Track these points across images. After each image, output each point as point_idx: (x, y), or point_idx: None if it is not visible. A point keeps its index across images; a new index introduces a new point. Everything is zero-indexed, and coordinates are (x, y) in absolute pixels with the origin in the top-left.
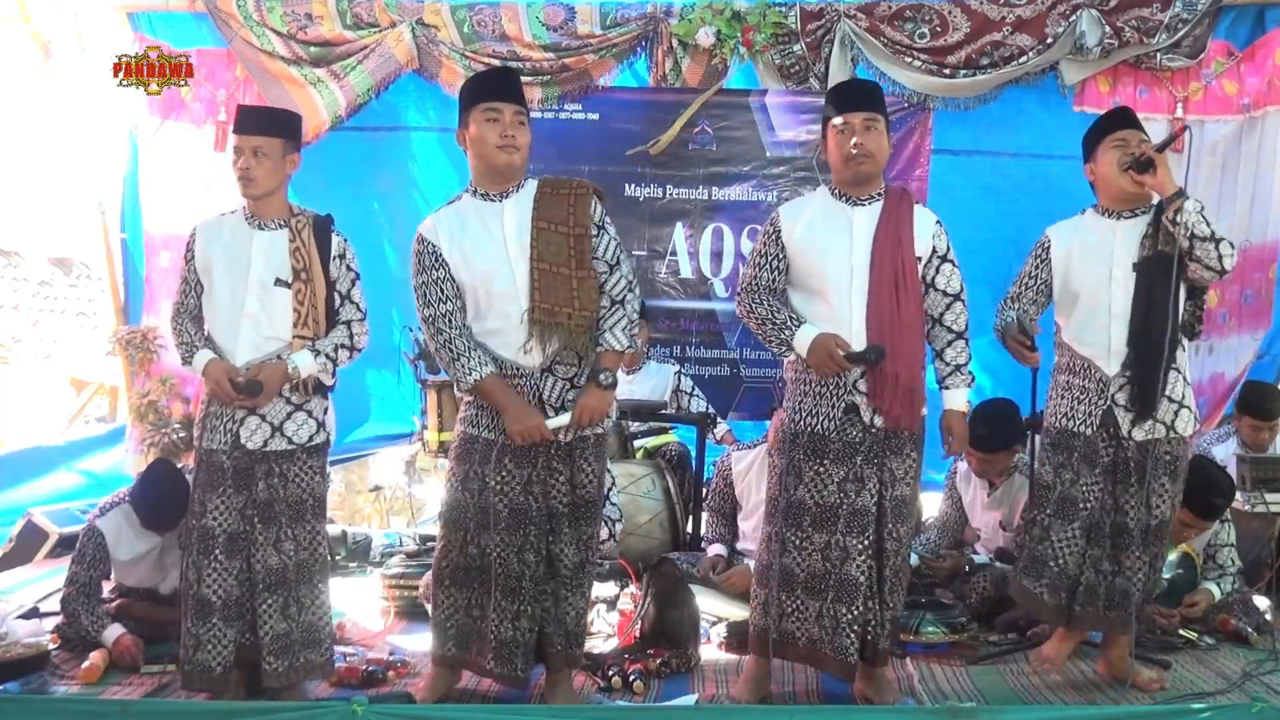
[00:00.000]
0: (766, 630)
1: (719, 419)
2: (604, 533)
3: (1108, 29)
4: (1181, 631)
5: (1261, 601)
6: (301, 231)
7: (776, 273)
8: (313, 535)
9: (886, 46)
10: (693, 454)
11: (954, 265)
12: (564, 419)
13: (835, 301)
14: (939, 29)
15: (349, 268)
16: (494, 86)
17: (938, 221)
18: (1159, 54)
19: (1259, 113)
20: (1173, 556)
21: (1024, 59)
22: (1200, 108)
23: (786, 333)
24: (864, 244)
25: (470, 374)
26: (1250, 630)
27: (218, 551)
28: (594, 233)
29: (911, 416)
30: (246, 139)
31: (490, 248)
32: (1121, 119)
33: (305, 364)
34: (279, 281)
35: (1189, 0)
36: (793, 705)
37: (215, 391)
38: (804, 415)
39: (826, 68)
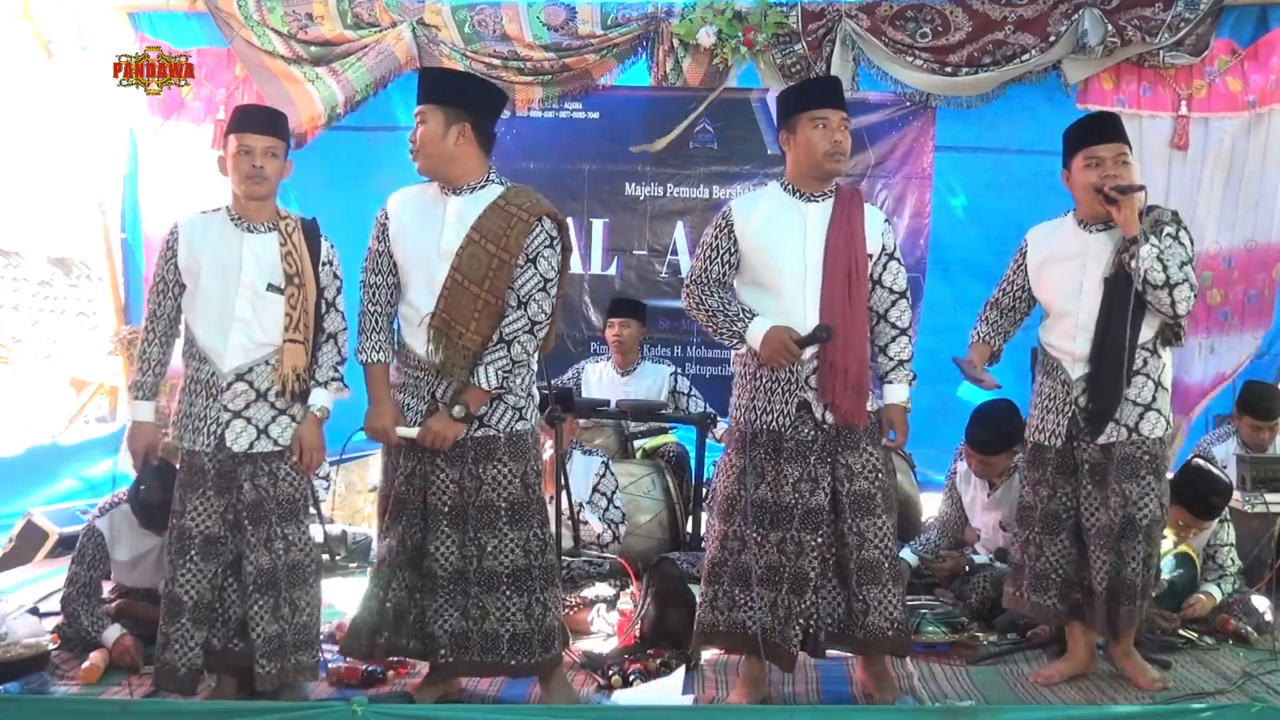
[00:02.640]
0: (714, 625)
1: (719, 418)
2: (608, 534)
3: (1110, 28)
4: (1181, 631)
5: (1261, 601)
6: (292, 235)
7: (727, 266)
8: (304, 536)
9: (888, 46)
10: (692, 454)
11: (900, 263)
12: (412, 432)
13: (789, 297)
14: (940, 29)
15: (335, 274)
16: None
17: (886, 220)
18: (1162, 52)
19: (1264, 109)
20: (1172, 557)
21: (1026, 58)
22: (1204, 105)
23: (739, 325)
24: (817, 240)
25: (362, 353)
26: (1250, 630)
27: (193, 553)
28: (519, 263)
29: (858, 412)
30: (259, 138)
31: (425, 239)
32: (1097, 131)
33: (325, 399)
34: (271, 287)
35: (1191, 0)
36: (793, 705)
37: (133, 454)
38: (759, 413)
39: (828, 67)
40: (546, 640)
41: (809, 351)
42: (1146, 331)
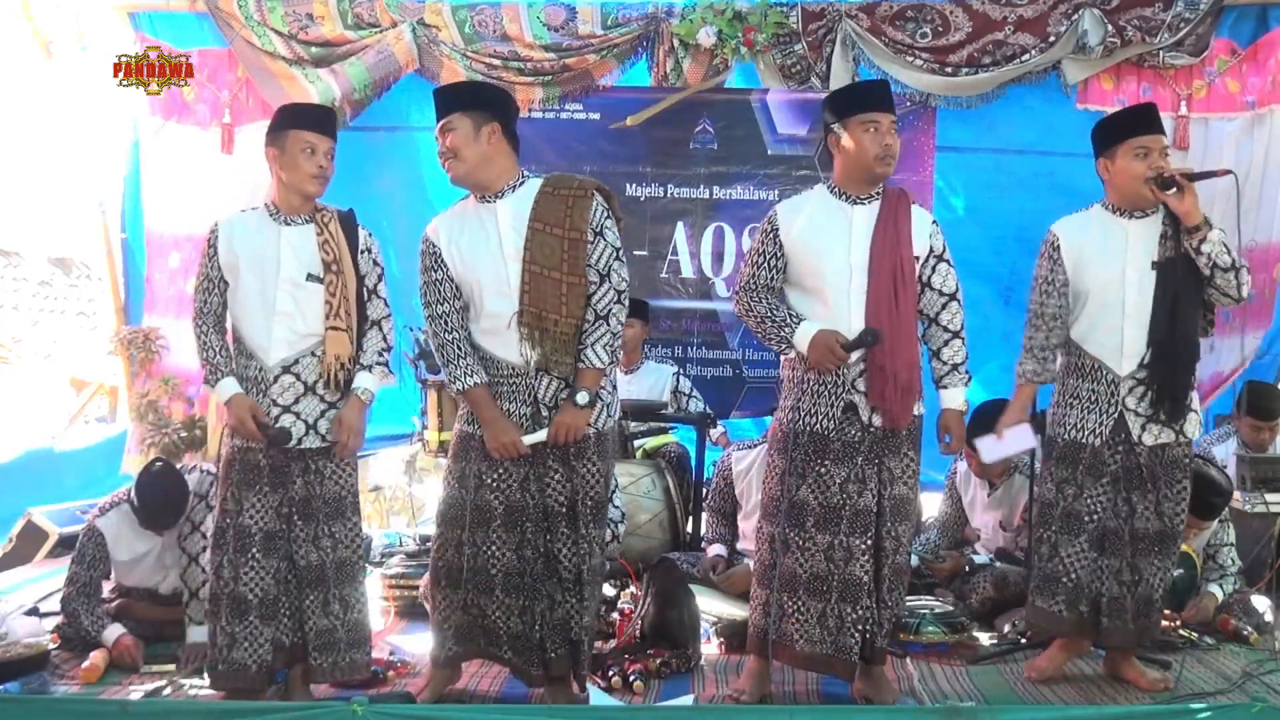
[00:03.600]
0: (765, 631)
1: (717, 420)
2: (607, 533)
3: (1109, 28)
4: (1181, 631)
5: (1261, 601)
6: (328, 224)
7: (775, 271)
8: (352, 532)
9: (888, 46)
10: (692, 454)
11: (950, 265)
12: (541, 435)
13: (834, 300)
14: (940, 29)
15: (375, 262)
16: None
17: (934, 221)
18: (1161, 52)
19: (1264, 110)
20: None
21: (1026, 58)
22: (1204, 105)
23: (787, 330)
24: (863, 243)
25: (457, 381)
26: (1250, 630)
27: (255, 550)
28: (589, 238)
29: (906, 415)
30: (323, 139)
31: (485, 248)
32: (1144, 121)
33: (371, 384)
34: (310, 277)
35: (1190, 0)
36: (793, 705)
37: (238, 429)
38: (803, 415)
39: (828, 67)
40: (592, 640)
41: (855, 355)
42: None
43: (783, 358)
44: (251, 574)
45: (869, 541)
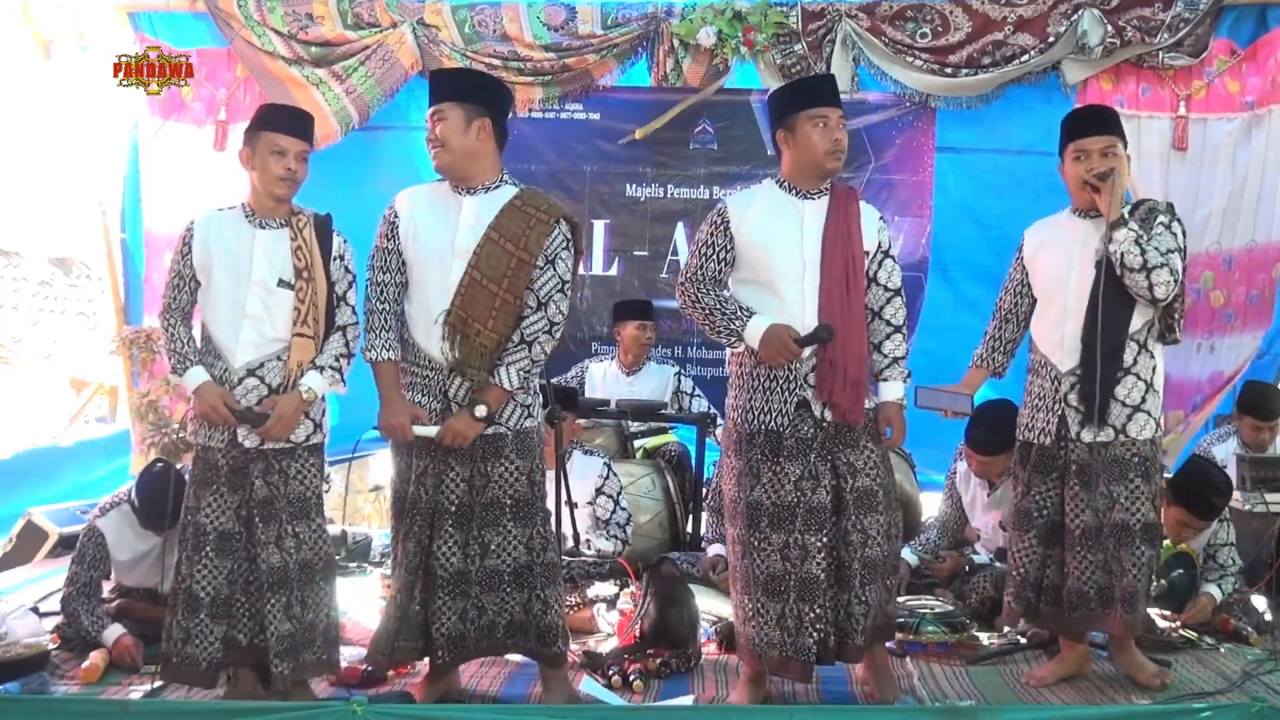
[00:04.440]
0: (740, 635)
1: (719, 419)
2: (617, 543)
3: (1109, 28)
4: (1181, 631)
5: (1261, 601)
6: (303, 230)
7: (723, 264)
8: (316, 533)
9: (888, 46)
10: (693, 454)
11: (895, 261)
12: (431, 431)
13: (787, 294)
14: (940, 29)
15: (347, 269)
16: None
17: (881, 218)
18: (1161, 53)
19: (1263, 110)
20: (1172, 557)
21: (1026, 58)
22: (1203, 106)
23: (737, 323)
24: (814, 237)
25: (370, 350)
26: (1250, 630)
27: (209, 549)
28: (539, 263)
29: (857, 410)
30: (293, 141)
31: (439, 237)
32: (1086, 124)
33: (317, 384)
34: (282, 283)
35: (1190, 0)
36: (792, 705)
37: (208, 415)
38: (756, 413)
39: (828, 67)
40: (544, 634)
41: (808, 350)
42: (1137, 320)
43: (729, 352)
44: (204, 572)
45: (824, 539)
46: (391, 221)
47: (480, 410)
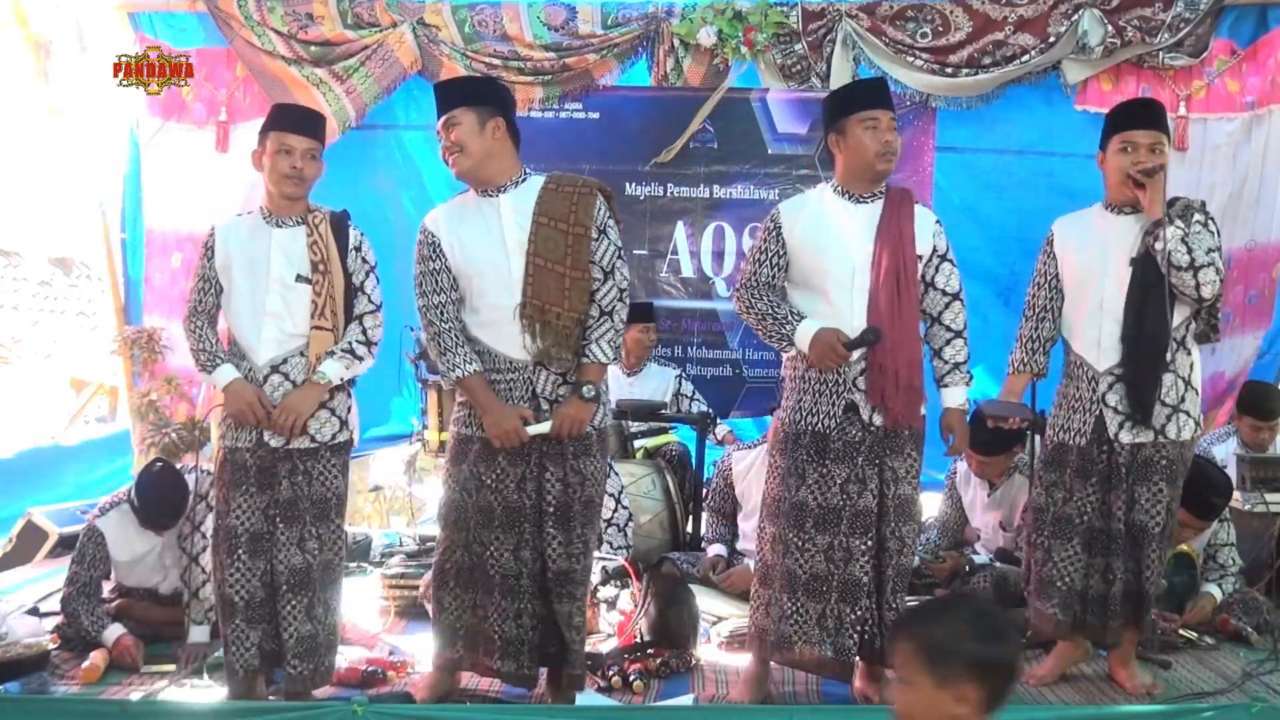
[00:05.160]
0: (766, 631)
1: (719, 420)
2: (620, 542)
3: (1110, 28)
4: (1181, 631)
5: (1261, 602)
6: (319, 226)
7: (776, 269)
8: (335, 534)
9: (888, 46)
10: (693, 454)
11: (953, 265)
12: (544, 426)
13: (837, 299)
14: (940, 29)
15: (364, 260)
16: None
17: (937, 221)
18: (1161, 53)
19: (1263, 110)
20: (1172, 557)
21: (1026, 58)
22: (1203, 106)
23: (788, 328)
24: (866, 241)
25: (454, 370)
26: (1250, 630)
27: (240, 551)
28: (593, 235)
29: (912, 414)
30: (300, 139)
31: (487, 239)
32: (1136, 116)
33: (331, 370)
34: (300, 278)
35: (1190, 0)
36: (792, 705)
37: (242, 412)
38: (804, 414)
39: (828, 67)
40: (583, 640)
41: (857, 353)
42: (1175, 318)
43: (784, 357)
44: (237, 575)
45: (869, 542)
46: (431, 243)
47: (589, 390)
